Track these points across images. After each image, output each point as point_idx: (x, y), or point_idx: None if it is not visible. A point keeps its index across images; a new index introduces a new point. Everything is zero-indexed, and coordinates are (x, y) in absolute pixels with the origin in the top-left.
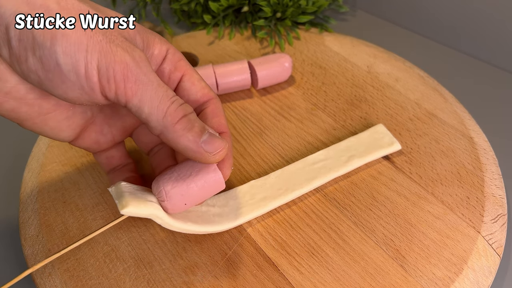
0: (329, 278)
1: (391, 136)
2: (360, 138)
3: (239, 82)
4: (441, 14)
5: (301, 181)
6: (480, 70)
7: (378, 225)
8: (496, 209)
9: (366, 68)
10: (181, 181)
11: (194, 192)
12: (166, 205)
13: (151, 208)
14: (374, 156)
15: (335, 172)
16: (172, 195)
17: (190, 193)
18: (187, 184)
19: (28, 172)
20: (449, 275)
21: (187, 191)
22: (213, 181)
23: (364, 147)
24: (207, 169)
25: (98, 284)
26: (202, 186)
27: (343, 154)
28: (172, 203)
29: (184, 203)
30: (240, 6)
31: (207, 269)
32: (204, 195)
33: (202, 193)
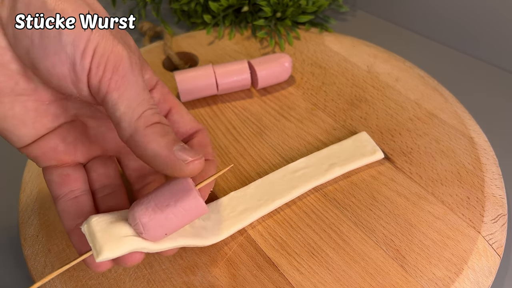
0: (329, 278)
1: (374, 144)
2: (343, 145)
3: (239, 82)
4: (441, 14)
5: (280, 191)
6: (480, 70)
7: (378, 225)
8: (496, 209)
9: (366, 68)
10: (159, 212)
11: (173, 222)
12: (145, 237)
13: (129, 245)
14: (356, 165)
15: (316, 180)
16: (149, 228)
17: (170, 223)
18: (166, 215)
19: (28, 172)
20: (449, 275)
21: (166, 222)
22: (194, 208)
23: (346, 155)
24: (186, 197)
25: (98, 284)
26: (182, 215)
27: (324, 162)
28: (150, 235)
29: (164, 233)
30: (240, 6)
31: (207, 269)
32: (184, 222)
33: (182, 221)
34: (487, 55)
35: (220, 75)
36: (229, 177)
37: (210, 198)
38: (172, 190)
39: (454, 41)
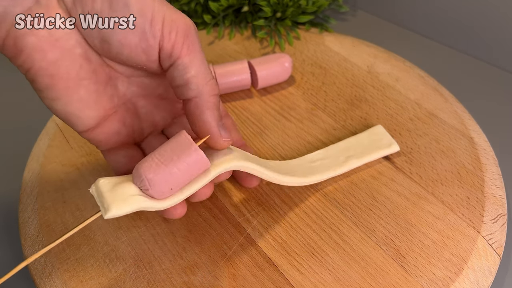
0: (329, 278)
1: (390, 137)
2: (359, 138)
3: (239, 82)
4: (441, 14)
5: (299, 173)
6: (480, 70)
7: (378, 225)
8: (496, 209)
9: (366, 68)
10: (163, 167)
11: (178, 176)
12: (151, 193)
13: (135, 203)
14: (372, 157)
15: (333, 171)
16: (155, 183)
17: (174, 177)
18: (170, 169)
19: (28, 172)
20: (449, 275)
21: (171, 176)
22: (196, 161)
23: (363, 148)
24: (188, 151)
25: (98, 284)
26: (185, 169)
27: (341, 154)
28: (156, 191)
29: (169, 188)
30: (240, 6)
31: (207, 269)
32: (189, 176)
33: (187, 175)
34: (487, 55)
35: (220, 75)
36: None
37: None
38: (173, 146)
39: (454, 41)
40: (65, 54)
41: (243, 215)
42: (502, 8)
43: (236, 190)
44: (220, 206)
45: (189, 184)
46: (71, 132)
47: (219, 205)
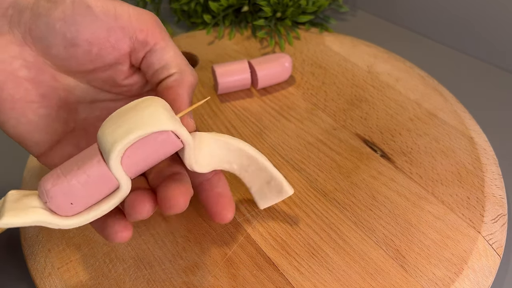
0: (329, 278)
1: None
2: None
3: (239, 82)
4: (441, 14)
5: None
6: (480, 70)
7: (378, 225)
8: (496, 209)
9: (366, 68)
10: (62, 177)
11: (78, 189)
12: (50, 207)
13: (32, 215)
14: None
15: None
16: (52, 195)
17: (74, 191)
18: (68, 180)
19: (28, 172)
20: (449, 275)
21: (69, 188)
22: (99, 175)
23: None
24: (90, 162)
25: (98, 284)
26: (86, 181)
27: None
28: (55, 204)
29: (69, 203)
30: (240, 6)
31: (207, 269)
32: (92, 192)
33: (90, 191)
34: (487, 55)
35: (220, 74)
36: (228, 177)
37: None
38: (79, 156)
39: (454, 41)
40: (7, 77)
41: (243, 215)
42: (502, 8)
43: (236, 190)
44: None
45: (98, 204)
46: None
47: None
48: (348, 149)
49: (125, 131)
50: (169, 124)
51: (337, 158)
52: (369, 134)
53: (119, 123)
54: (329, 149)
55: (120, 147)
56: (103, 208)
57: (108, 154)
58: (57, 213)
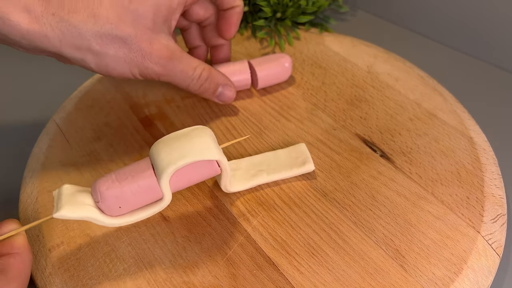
0: (329, 278)
1: (309, 155)
2: (277, 154)
3: (239, 82)
4: (441, 14)
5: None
6: (480, 70)
7: (378, 225)
8: (496, 209)
9: (366, 68)
10: (117, 183)
11: (128, 196)
12: (101, 207)
13: (85, 211)
14: (283, 175)
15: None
16: (106, 197)
17: (124, 196)
18: (122, 187)
19: (28, 172)
20: (449, 275)
21: (121, 194)
22: (148, 186)
23: (276, 165)
24: (143, 174)
25: (98, 284)
26: (136, 190)
27: (252, 168)
28: (106, 205)
29: (118, 206)
30: None
31: (207, 269)
32: (139, 200)
33: (138, 198)
34: (487, 55)
35: None
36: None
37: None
38: (133, 167)
39: (454, 41)
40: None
41: (243, 215)
42: (502, 8)
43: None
44: (220, 206)
45: (141, 209)
46: (71, 132)
47: (219, 205)
48: (348, 149)
49: (179, 156)
50: (216, 155)
51: (337, 158)
52: (369, 134)
53: (174, 147)
54: (329, 149)
55: (173, 168)
56: (145, 213)
57: (161, 172)
58: (105, 213)
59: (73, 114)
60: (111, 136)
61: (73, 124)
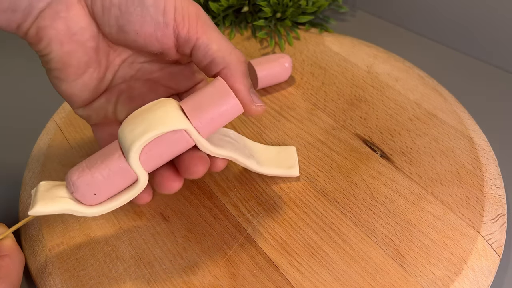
0: (329, 278)
1: (296, 160)
2: (268, 149)
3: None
4: (441, 14)
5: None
6: (480, 70)
7: (378, 225)
8: (496, 209)
9: (366, 68)
10: (87, 170)
11: (100, 181)
12: (76, 197)
13: (61, 204)
14: (268, 171)
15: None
16: (78, 186)
17: (96, 182)
18: (92, 173)
19: (28, 172)
20: (448, 275)
21: (93, 180)
22: (118, 169)
23: (265, 158)
24: (111, 157)
25: (98, 284)
26: (107, 175)
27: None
28: (80, 194)
29: (93, 193)
30: (240, 6)
31: (207, 268)
32: (114, 184)
33: (111, 183)
34: (487, 55)
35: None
36: (229, 177)
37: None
38: (103, 151)
39: (454, 41)
40: (79, 47)
41: (243, 215)
42: (501, 9)
43: (236, 190)
44: (220, 206)
45: (119, 194)
46: (71, 132)
47: (219, 205)
48: (348, 149)
49: (142, 131)
50: (181, 124)
51: (337, 158)
52: (369, 134)
53: (137, 123)
54: (329, 149)
55: (138, 145)
56: (123, 198)
57: (127, 151)
58: (82, 202)
59: (73, 114)
60: None
61: (73, 124)
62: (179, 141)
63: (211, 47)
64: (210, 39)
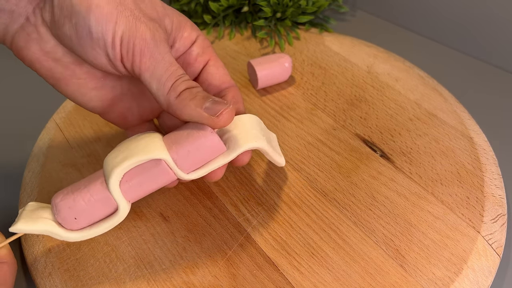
0: (329, 278)
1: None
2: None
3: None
4: (441, 14)
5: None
6: (480, 70)
7: (378, 225)
8: (496, 209)
9: (366, 68)
10: (70, 194)
11: (82, 206)
12: (58, 219)
13: (41, 224)
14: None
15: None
16: (60, 208)
17: (78, 206)
18: (74, 197)
19: (28, 172)
20: (449, 275)
21: (74, 204)
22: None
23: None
24: (94, 183)
25: (98, 284)
26: (89, 200)
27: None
28: (62, 217)
29: (73, 217)
30: (240, 6)
31: (207, 269)
32: (95, 210)
33: (92, 209)
34: (487, 55)
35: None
36: (229, 177)
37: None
38: (89, 177)
39: (454, 41)
40: (56, 64)
41: (243, 215)
42: (501, 9)
43: (236, 190)
44: (220, 206)
45: (100, 222)
46: (71, 132)
47: (219, 205)
48: (348, 149)
49: (122, 158)
50: (159, 154)
51: (337, 158)
52: (369, 134)
53: (120, 151)
54: (329, 149)
55: (117, 171)
56: (104, 226)
57: (107, 178)
58: (63, 226)
59: (73, 114)
60: (111, 136)
61: (73, 124)
62: (160, 172)
63: (152, 86)
64: (152, 76)
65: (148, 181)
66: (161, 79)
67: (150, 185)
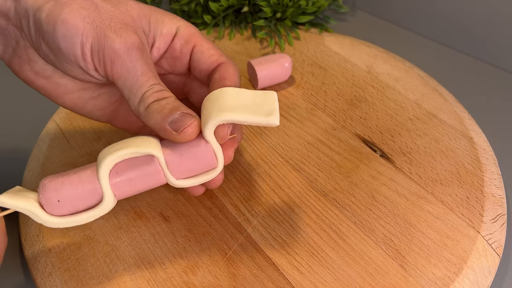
0: (329, 278)
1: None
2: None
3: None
4: (441, 14)
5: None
6: (480, 70)
7: (378, 225)
8: (496, 209)
9: (366, 68)
10: (60, 177)
11: (68, 190)
12: (41, 200)
13: (23, 202)
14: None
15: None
16: (46, 188)
17: (64, 189)
18: (63, 180)
19: (28, 172)
20: (448, 275)
21: (61, 186)
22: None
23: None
24: (85, 169)
25: (98, 284)
26: (76, 184)
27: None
28: (46, 198)
29: (57, 200)
30: (240, 6)
31: (207, 269)
32: (79, 196)
33: (76, 193)
34: (487, 55)
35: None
36: (229, 177)
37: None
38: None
39: (454, 41)
40: (47, 81)
41: (243, 215)
42: (501, 9)
43: (236, 190)
44: (220, 206)
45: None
46: (71, 132)
47: (219, 205)
48: (348, 149)
49: (116, 149)
50: (153, 150)
51: (337, 158)
52: (369, 134)
53: (116, 144)
54: (329, 149)
55: (110, 159)
56: (83, 216)
57: (98, 164)
58: (45, 209)
59: (73, 114)
60: (111, 136)
61: (73, 124)
62: (150, 171)
63: (124, 93)
64: (124, 85)
65: (138, 177)
66: (132, 90)
67: (139, 183)
